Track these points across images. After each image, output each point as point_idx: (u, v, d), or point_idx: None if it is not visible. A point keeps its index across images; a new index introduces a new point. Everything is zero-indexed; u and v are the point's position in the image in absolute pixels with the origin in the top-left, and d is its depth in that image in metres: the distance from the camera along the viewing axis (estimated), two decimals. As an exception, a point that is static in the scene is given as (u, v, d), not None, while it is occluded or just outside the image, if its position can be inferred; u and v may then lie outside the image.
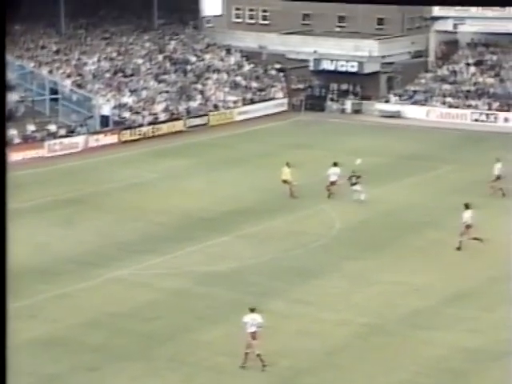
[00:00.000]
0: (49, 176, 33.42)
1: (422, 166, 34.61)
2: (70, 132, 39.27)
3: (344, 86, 50.25)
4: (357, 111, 48.81)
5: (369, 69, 49.59)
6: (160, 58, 49.75)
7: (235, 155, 37.23)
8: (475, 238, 23.47)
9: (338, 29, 57.53)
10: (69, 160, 36.28)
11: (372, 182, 31.22)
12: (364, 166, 30.22)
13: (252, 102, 49.00)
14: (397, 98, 48.58)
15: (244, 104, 48.36)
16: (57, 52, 46.05)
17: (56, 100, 41.10)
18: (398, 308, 20.07)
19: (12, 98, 39.12)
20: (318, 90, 50.67)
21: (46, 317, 18.87)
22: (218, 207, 28.70)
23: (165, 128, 43.01)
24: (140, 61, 48.34)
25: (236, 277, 22.06)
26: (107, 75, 45.47)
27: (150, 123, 42.69)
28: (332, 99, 50.01)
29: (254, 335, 16.82)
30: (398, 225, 26.88)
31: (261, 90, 50.59)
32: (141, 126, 42.16)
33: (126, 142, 40.65)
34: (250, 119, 47.11)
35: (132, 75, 46.50)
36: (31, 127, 38.29)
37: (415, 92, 48.85)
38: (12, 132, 37.09)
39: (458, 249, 23.82)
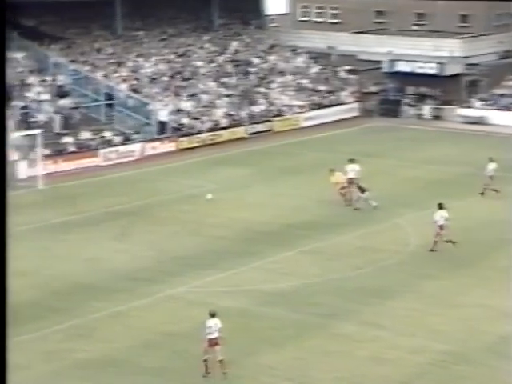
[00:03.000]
0: (103, 186, 34.16)
1: (510, 178, 33.82)
2: (126, 139, 40.06)
3: (422, 90, 49.76)
4: (436, 117, 48.23)
5: (450, 71, 48.95)
6: (220, 59, 50.35)
7: (300, 164, 37.28)
8: (449, 241, 24.78)
9: (415, 27, 57.03)
10: (124, 169, 37.02)
11: (453, 195, 30.72)
12: (442, 176, 29.76)
13: (319, 106, 49.02)
14: (481, 102, 47.75)
15: (311, 109, 48.42)
16: (112, 55, 47.10)
17: (111, 106, 42.00)
18: (483, 334, 19.64)
19: (67, 104, 40.23)
20: (393, 94, 50.32)
21: (99, 337, 19.19)
22: (281, 220, 28.76)
23: (225, 135, 43.47)
24: (199, 63, 49.02)
25: (301, 296, 22.03)
26: (164, 79, 46.25)
27: (210, 130, 43.21)
28: (408, 104, 49.55)
29: (216, 341, 17.39)
30: (480, 242, 26.35)
31: (329, 93, 50.55)
32: (200, 132, 42.71)
33: (183, 149, 41.25)
34: (317, 125, 47.11)
35: (191, 78, 47.18)
36: (86, 135, 39.22)
37: (502, 96, 47.92)
38: (66, 140, 38.12)
39: (432, 250, 24.99)
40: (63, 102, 40.20)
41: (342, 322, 20.41)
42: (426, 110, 48.78)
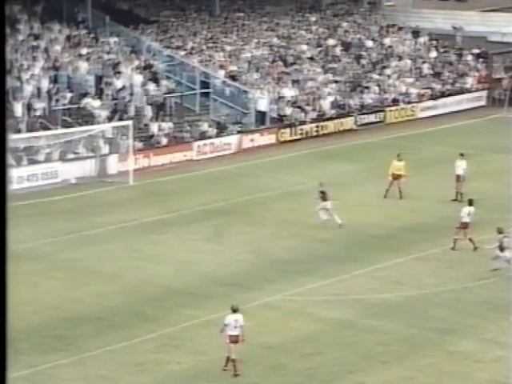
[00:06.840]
0: (197, 182, 34.95)
1: None
2: (222, 131, 40.78)
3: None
4: None
5: None
6: (328, 42, 50.42)
7: (415, 160, 36.82)
8: (470, 240, 25.66)
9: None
10: (220, 163, 37.75)
11: None
12: None
13: (441, 95, 48.34)
14: None
15: (431, 98, 47.81)
16: (209, 39, 47.93)
17: (207, 94, 42.81)
18: None
19: (160, 93, 41.22)
20: (529, 81, 49.03)
21: (192, 347, 19.67)
22: (392, 222, 28.68)
23: (332, 126, 43.57)
24: (304, 47, 49.26)
25: (414, 308, 21.97)
26: (265, 64, 46.72)
27: (315, 120, 43.42)
28: (546, 92, 48.22)
29: (236, 338, 17.85)
30: None
31: (453, 80, 49.74)
32: (303, 123, 42.99)
33: (285, 142, 41.65)
34: (436, 116, 46.53)
35: (294, 64, 47.48)
36: (179, 126, 40.16)
37: None
38: (158, 132, 39.13)
39: (453, 249, 25.98)
40: (156, 90, 41.23)
41: (461, 338, 20.27)
42: None
